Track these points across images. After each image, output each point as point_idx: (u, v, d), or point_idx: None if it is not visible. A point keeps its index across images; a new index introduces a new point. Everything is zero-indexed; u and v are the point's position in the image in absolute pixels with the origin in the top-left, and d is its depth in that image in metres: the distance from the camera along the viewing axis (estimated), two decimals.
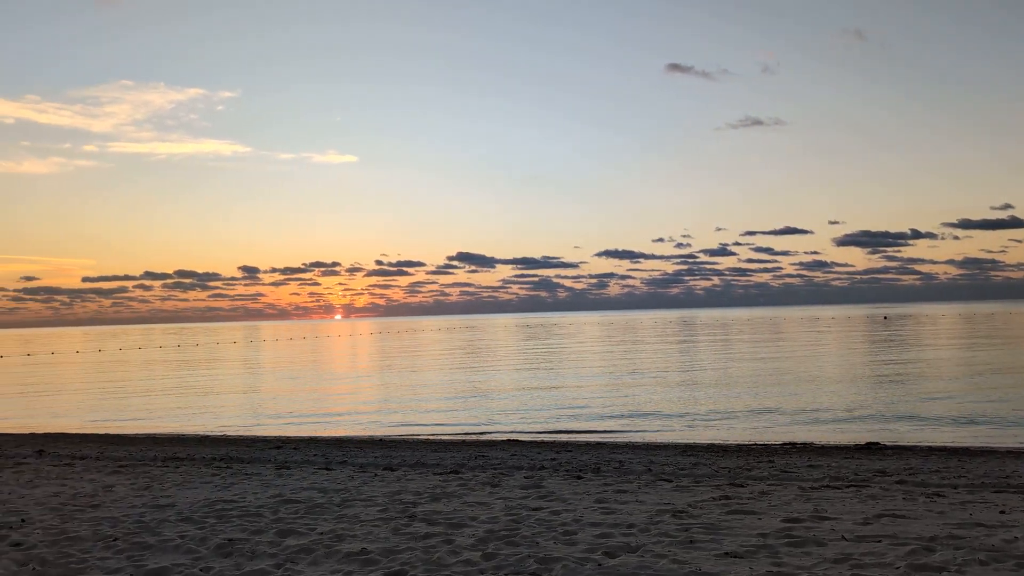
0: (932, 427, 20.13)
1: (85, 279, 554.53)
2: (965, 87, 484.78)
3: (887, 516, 8.89)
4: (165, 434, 22.60)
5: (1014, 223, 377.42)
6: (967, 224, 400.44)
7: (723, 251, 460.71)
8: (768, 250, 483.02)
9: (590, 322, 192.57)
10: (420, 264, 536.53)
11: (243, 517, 9.53)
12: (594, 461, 14.89)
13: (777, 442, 18.13)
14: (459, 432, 21.86)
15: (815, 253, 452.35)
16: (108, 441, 20.65)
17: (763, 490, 10.93)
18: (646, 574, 6.79)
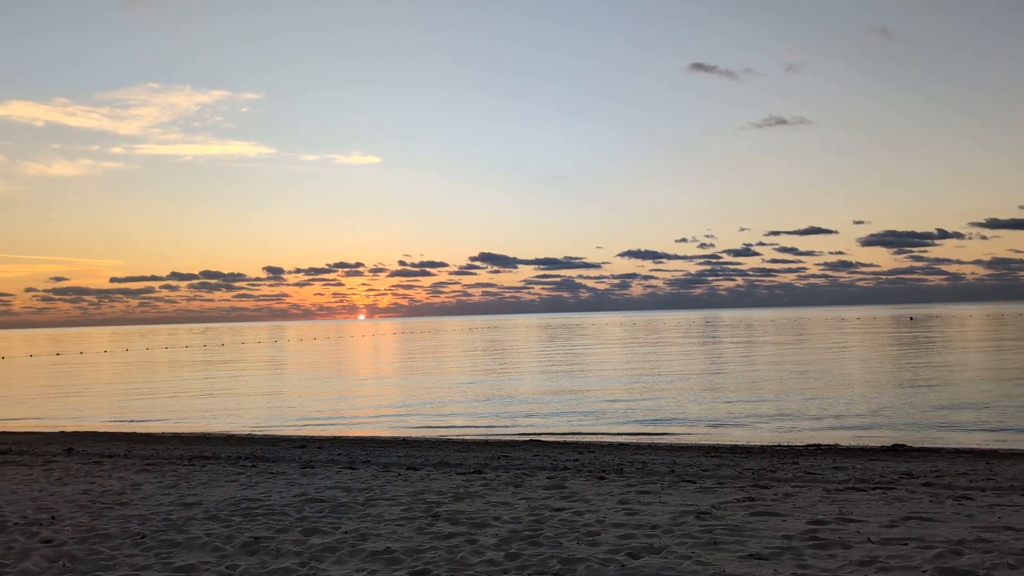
0: (959, 429, 19.88)
1: (113, 279, 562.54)
2: (992, 86, 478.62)
3: (914, 519, 8.80)
4: (191, 433, 22.84)
5: None
6: (995, 224, 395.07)
7: (747, 251, 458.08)
8: (792, 250, 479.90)
9: (613, 323, 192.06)
10: (443, 265, 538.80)
11: (268, 516, 9.62)
12: (617, 462, 14.86)
13: (801, 444, 18.00)
14: (482, 432, 21.91)
15: (840, 253, 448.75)
16: (135, 440, 20.92)
17: (787, 492, 10.87)
18: (669, 575, 6.78)
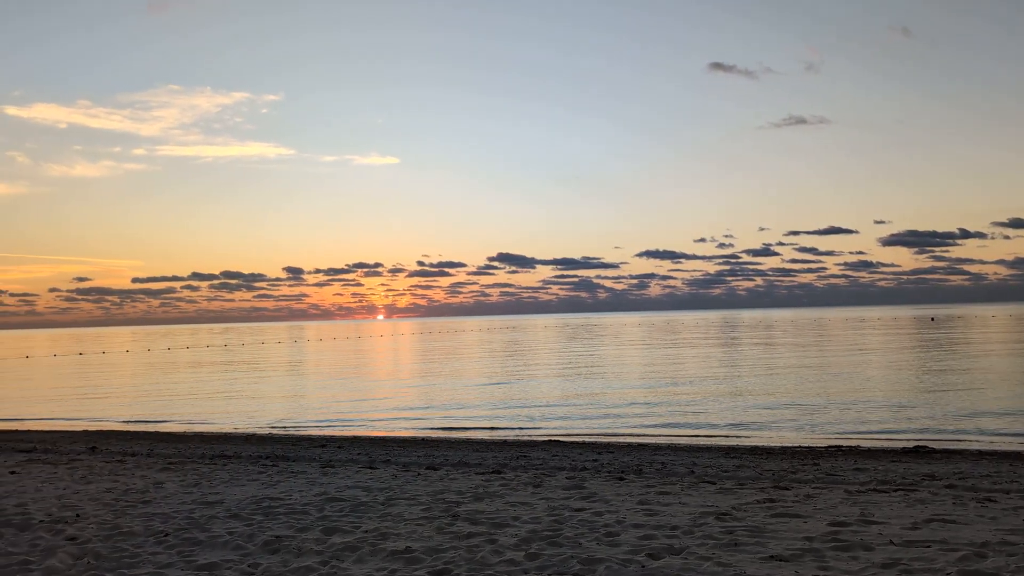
0: (982, 431, 19.68)
1: (135, 280, 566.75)
2: (1014, 85, 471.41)
3: (936, 521, 8.73)
4: (213, 432, 23.03)
5: None
6: (1018, 223, 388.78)
7: (766, 251, 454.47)
8: (812, 250, 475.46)
9: (631, 323, 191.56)
10: (461, 265, 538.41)
11: (289, 514, 9.69)
12: (636, 462, 14.84)
13: (822, 445, 17.89)
14: (501, 432, 21.93)
15: (860, 253, 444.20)
16: (157, 439, 21.12)
17: (808, 493, 10.81)
18: None
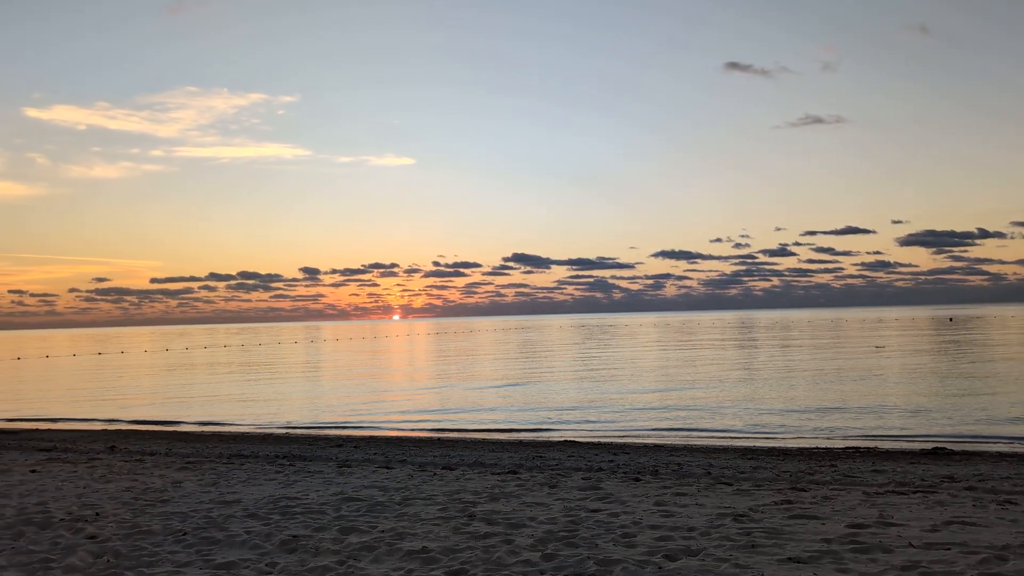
0: (1002, 432, 19.50)
1: (153, 280, 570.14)
2: None
3: (956, 523, 8.65)
4: (230, 432, 23.17)
5: None
6: None
7: (783, 251, 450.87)
8: (829, 250, 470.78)
9: (647, 323, 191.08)
10: (476, 265, 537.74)
11: (306, 514, 9.73)
12: (652, 463, 14.80)
13: (839, 446, 17.78)
14: (516, 433, 21.94)
15: (878, 253, 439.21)
16: (175, 438, 21.28)
17: (826, 495, 10.74)
18: None
